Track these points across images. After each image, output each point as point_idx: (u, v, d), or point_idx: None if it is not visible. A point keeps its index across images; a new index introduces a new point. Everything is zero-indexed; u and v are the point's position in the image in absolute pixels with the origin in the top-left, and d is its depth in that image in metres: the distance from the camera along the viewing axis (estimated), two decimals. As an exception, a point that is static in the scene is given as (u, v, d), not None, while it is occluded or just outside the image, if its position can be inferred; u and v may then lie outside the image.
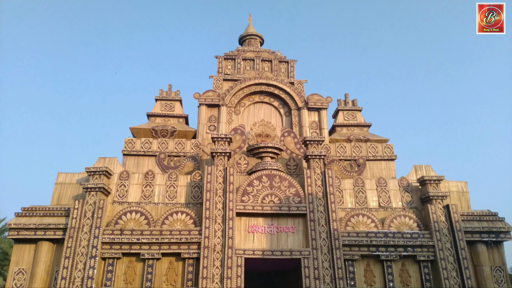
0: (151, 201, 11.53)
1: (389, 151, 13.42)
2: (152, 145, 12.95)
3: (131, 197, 11.56)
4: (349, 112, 14.46)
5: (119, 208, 11.34)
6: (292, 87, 14.49)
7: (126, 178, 11.80)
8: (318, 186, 11.64)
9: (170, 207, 11.39)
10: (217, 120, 13.89)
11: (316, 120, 14.09)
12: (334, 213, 11.23)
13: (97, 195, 11.12)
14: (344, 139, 13.67)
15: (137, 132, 13.34)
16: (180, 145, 13.10)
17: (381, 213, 11.90)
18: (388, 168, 13.18)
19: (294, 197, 11.44)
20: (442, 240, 11.33)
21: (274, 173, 11.73)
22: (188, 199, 11.60)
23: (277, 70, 15.23)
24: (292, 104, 14.31)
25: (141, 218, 11.15)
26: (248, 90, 14.38)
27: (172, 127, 13.38)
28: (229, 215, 10.92)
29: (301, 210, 11.27)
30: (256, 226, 11.18)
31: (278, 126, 13.99)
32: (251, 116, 14.19)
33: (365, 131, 14.16)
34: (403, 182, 12.44)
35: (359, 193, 12.16)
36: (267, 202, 11.32)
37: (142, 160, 12.66)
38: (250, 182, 11.55)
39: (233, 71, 15.14)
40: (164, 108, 13.97)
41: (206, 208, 11.03)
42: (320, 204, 11.39)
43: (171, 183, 11.82)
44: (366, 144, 13.53)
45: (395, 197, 12.18)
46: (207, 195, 11.21)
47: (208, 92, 14.16)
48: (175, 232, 10.85)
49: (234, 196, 11.22)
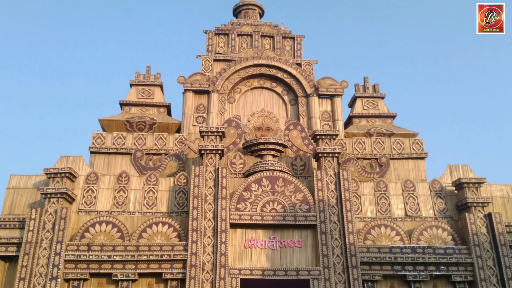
0: (126, 209, 11.33)
1: (418, 148, 13.27)
2: (126, 141, 12.86)
3: (100, 205, 11.37)
4: (369, 99, 14.37)
5: (86, 218, 11.12)
6: (299, 69, 14.34)
7: (95, 181, 11.56)
8: (330, 191, 11.40)
9: (148, 217, 11.20)
10: (207, 109, 13.81)
11: (329, 109, 14.01)
12: (350, 223, 11.00)
13: (58, 203, 10.89)
14: (363, 133, 13.62)
15: (108, 124, 13.27)
16: (161, 140, 12.98)
17: (408, 223, 11.68)
18: (417, 168, 13.10)
19: (301, 205, 11.24)
20: (483, 257, 11.07)
21: (277, 174, 11.52)
22: (171, 207, 11.43)
23: (281, 48, 15.10)
24: (299, 90, 14.20)
25: (113, 231, 10.89)
26: (245, 72, 14.26)
27: (151, 119, 13.35)
28: (221, 227, 10.72)
29: (309, 221, 11.09)
30: (254, 240, 11.02)
31: (282, 117, 13.91)
32: (248, 104, 14.16)
33: (388, 123, 14.13)
34: (435, 185, 12.21)
35: (381, 199, 11.88)
36: (268, 210, 11.14)
37: (114, 159, 12.59)
38: (247, 186, 11.34)
39: (226, 49, 15.00)
40: (141, 95, 13.92)
41: (193, 218, 10.83)
42: (333, 213, 11.17)
43: (150, 188, 11.57)
44: (390, 139, 13.41)
45: (425, 204, 11.97)
46: (195, 202, 10.98)
47: (195, 75, 14.04)
48: (155, 248, 10.60)
49: (228, 204, 11.01)
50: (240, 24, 15.55)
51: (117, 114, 13.43)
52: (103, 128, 13.31)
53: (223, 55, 14.66)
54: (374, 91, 14.47)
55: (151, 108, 13.69)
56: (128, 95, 13.79)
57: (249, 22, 15.67)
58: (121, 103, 13.65)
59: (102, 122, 13.16)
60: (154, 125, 13.18)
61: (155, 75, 14.13)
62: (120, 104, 13.67)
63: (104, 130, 13.31)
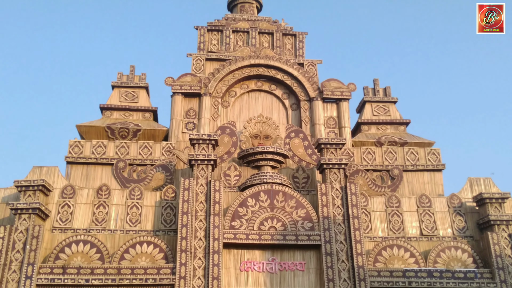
0: (106, 227, 11.29)
1: (435, 159, 13.36)
2: (107, 150, 12.90)
3: (78, 222, 11.32)
4: (380, 104, 14.52)
5: (62, 237, 11.07)
6: (301, 70, 14.44)
7: (71, 195, 11.54)
8: (337, 207, 11.38)
9: (132, 236, 11.16)
10: (198, 115, 13.81)
11: (334, 115, 14.07)
12: (359, 244, 10.98)
13: (30, 219, 10.81)
14: (372, 142, 13.73)
15: (87, 131, 13.30)
16: (146, 149, 13.02)
17: (423, 244, 11.67)
18: (433, 181, 13.13)
19: (304, 222, 11.24)
20: (508, 282, 11.02)
21: (277, 188, 11.52)
22: (157, 224, 11.41)
23: (281, 46, 15.18)
24: (302, 94, 14.26)
25: (91, 251, 10.81)
26: (241, 73, 14.31)
27: (135, 125, 13.38)
28: (213, 247, 10.68)
29: (313, 240, 11.09)
30: (251, 262, 11.01)
31: (282, 124, 13.97)
32: (244, 109, 14.19)
33: (401, 130, 14.28)
34: (454, 201, 12.21)
35: (393, 217, 11.90)
36: (267, 228, 11.12)
37: (93, 171, 12.64)
38: (243, 201, 11.34)
39: (219, 48, 15.02)
40: (124, 99, 13.94)
41: (182, 237, 10.78)
42: (339, 231, 11.15)
43: (134, 203, 11.54)
44: (403, 148, 13.52)
45: (443, 221, 11.98)
46: (184, 219, 10.94)
47: (185, 76, 14.05)
48: (139, 271, 10.55)
49: (221, 221, 10.99)
50: (235, 19, 15.64)
51: (97, 120, 13.49)
52: (81, 135, 13.34)
53: (217, 54, 14.71)
54: (385, 95, 14.55)
55: (136, 113, 13.76)
56: (109, 98, 13.85)
57: (245, 17, 15.75)
58: (101, 107, 13.70)
59: (80, 128, 13.20)
60: (138, 132, 13.23)
61: (140, 76, 14.20)
62: (100, 108, 13.72)
63: (82, 138, 13.35)
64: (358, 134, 14.10)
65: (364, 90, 14.61)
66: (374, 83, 14.66)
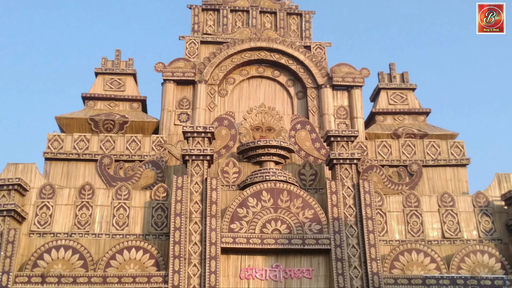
0: (90, 231, 11.36)
1: (458, 152, 13.33)
2: (90, 144, 12.90)
3: (58, 226, 11.36)
4: (397, 92, 14.47)
5: (40, 242, 11.13)
6: (308, 54, 14.45)
7: (51, 195, 11.59)
8: (348, 207, 11.43)
9: (118, 241, 11.21)
10: (192, 105, 13.81)
11: (346, 104, 14.09)
12: (373, 248, 11.04)
13: (5, 222, 10.88)
14: (388, 134, 13.78)
15: (68, 124, 13.29)
16: (134, 143, 13.01)
17: (446, 247, 11.74)
18: (457, 178, 13.13)
19: (312, 224, 11.29)
20: None
21: (281, 186, 11.55)
22: (146, 227, 11.48)
23: (285, 27, 15.18)
24: (308, 80, 14.28)
25: (73, 258, 10.89)
26: (240, 58, 14.34)
27: (122, 117, 13.37)
28: (210, 252, 10.74)
29: (322, 244, 11.15)
30: (252, 269, 11.09)
31: (287, 114, 13.97)
32: (244, 98, 14.23)
33: (420, 121, 14.28)
34: (480, 200, 12.25)
35: (411, 217, 11.94)
36: (270, 231, 11.18)
37: (75, 168, 12.62)
38: (243, 201, 11.40)
39: (216, 29, 15.07)
40: (109, 87, 13.94)
41: (175, 241, 10.85)
42: (351, 234, 11.22)
43: (121, 204, 11.61)
44: (422, 141, 13.55)
45: (468, 223, 12.02)
46: (177, 222, 11.01)
47: (177, 61, 14.07)
48: (127, 279, 10.64)
49: (219, 223, 11.04)
50: (234, -4, 15.72)
51: (79, 111, 13.51)
52: (61, 128, 13.35)
53: (213, 36, 14.77)
54: (403, 81, 14.61)
55: (122, 103, 13.81)
56: (92, 87, 13.89)
57: (245, -6, 15.86)
58: (83, 96, 13.73)
59: (59, 120, 13.21)
60: (125, 124, 13.28)
61: (126, 61, 14.23)
62: (82, 97, 13.75)
63: (62, 131, 13.36)
64: (372, 125, 14.13)
65: (378, 76, 14.64)
66: (390, 68, 14.70)
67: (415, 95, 14.49)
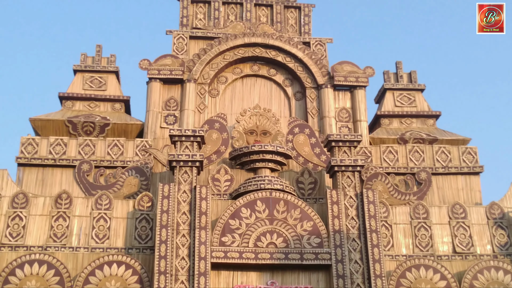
0: (67, 244, 11.31)
1: (471, 159, 13.35)
2: (68, 149, 12.86)
3: (32, 238, 11.30)
4: (404, 93, 14.49)
5: (12, 256, 11.08)
6: (307, 51, 14.48)
7: (24, 205, 11.56)
8: (351, 219, 11.47)
9: (98, 255, 11.19)
10: (180, 106, 13.86)
11: (348, 106, 14.14)
12: (378, 263, 11.05)
13: None
14: (394, 139, 13.82)
15: (43, 126, 13.28)
16: (116, 148, 13.01)
17: (457, 263, 11.74)
18: (469, 187, 13.17)
19: (311, 238, 11.30)
20: None
21: (277, 196, 11.59)
22: (129, 240, 11.48)
23: (282, 21, 15.22)
24: (308, 80, 14.33)
25: (49, 274, 10.87)
26: (233, 55, 14.37)
27: (103, 118, 13.40)
28: (199, 268, 10.76)
29: (322, 260, 11.16)
30: (245, 286, 11.11)
31: (284, 117, 14.04)
32: (237, 99, 14.28)
33: (430, 125, 14.28)
34: (495, 211, 12.27)
35: (420, 230, 11.98)
36: (265, 245, 11.19)
37: (51, 174, 12.61)
38: (235, 212, 11.42)
39: (207, 23, 15.12)
40: (89, 86, 13.95)
41: (161, 256, 10.84)
42: (354, 248, 11.25)
43: (101, 214, 11.60)
44: (432, 147, 13.51)
45: (481, 236, 12.03)
46: (163, 234, 11.02)
47: (164, 58, 14.07)
48: None
49: (209, 236, 11.05)
50: (226, -13, 15.75)
51: (55, 112, 13.48)
52: (36, 130, 13.33)
53: (203, 31, 14.78)
54: (410, 81, 14.61)
55: (103, 104, 13.78)
56: (70, 86, 13.86)
57: (238, -15, 15.85)
58: (61, 96, 13.69)
59: (34, 122, 13.19)
60: (106, 126, 13.27)
61: (108, 58, 14.20)
62: (59, 97, 13.70)
63: (37, 134, 13.32)
64: (377, 129, 14.15)
65: (384, 75, 14.65)
66: (397, 67, 14.69)
67: (423, 96, 14.50)
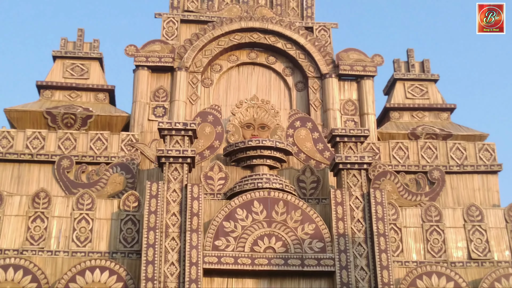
0: (45, 247, 11.28)
1: (489, 157, 13.40)
2: (46, 143, 12.92)
3: (6, 241, 11.29)
4: (415, 83, 14.62)
5: None
6: (310, 37, 14.52)
7: None
8: (357, 221, 11.48)
9: (80, 259, 11.17)
10: (170, 96, 13.95)
11: (354, 98, 14.22)
12: (386, 270, 11.06)
13: None
14: (405, 134, 13.94)
15: (19, 117, 13.41)
16: (99, 142, 13.09)
17: (472, 271, 11.74)
18: (486, 187, 13.23)
19: (313, 242, 11.32)
20: None
21: (276, 196, 11.61)
22: (114, 244, 11.48)
23: (283, 4, 15.34)
24: (310, 68, 14.39)
25: (25, 280, 10.85)
26: (228, 41, 14.46)
27: (85, 110, 13.52)
28: (190, 275, 10.75)
29: (325, 266, 11.17)
30: None
31: (284, 109, 14.09)
32: (233, 89, 14.38)
33: (443, 119, 14.40)
34: None
35: (432, 234, 11.96)
36: (262, 250, 11.21)
37: (28, 171, 12.71)
38: (230, 213, 11.42)
39: (199, 6, 15.21)
40: (70, 74, 14.05)
41: (148, 261, 10.84)
42: (360, 254, 11.27)
43: (83, 215, 11.57)
44: (446, 143, 13.58)
45: (499, 241, 12.05)
46: (150, 237, 11.02)
47: (153, 43, 14.15)
48: None
49: (201, 239, 11.04)
50: (221, -34, 15.84)
51: (32, 102, 13.56)
52: (11, 123, 13.42)
53: (195, 14, 14.83)
54: (423, 71, 14.71)
55: (86, 93, 13.88)
56: (49, 73, 13.95)
57: (234, -37, 15.96)
58: (39, 85, 13.77)
59: (9, 113, 13.26)
60: (89, 118, 13.31)
61: (91, 43, 14.30)
62: (37, 86, 13.80)
63: (13, 126, 13.39)
64: (386, 123, 14.23)
65: (394, 64, 14.74)
66: (408, 55, 14.77)
67: (437, 87, 14.61)
